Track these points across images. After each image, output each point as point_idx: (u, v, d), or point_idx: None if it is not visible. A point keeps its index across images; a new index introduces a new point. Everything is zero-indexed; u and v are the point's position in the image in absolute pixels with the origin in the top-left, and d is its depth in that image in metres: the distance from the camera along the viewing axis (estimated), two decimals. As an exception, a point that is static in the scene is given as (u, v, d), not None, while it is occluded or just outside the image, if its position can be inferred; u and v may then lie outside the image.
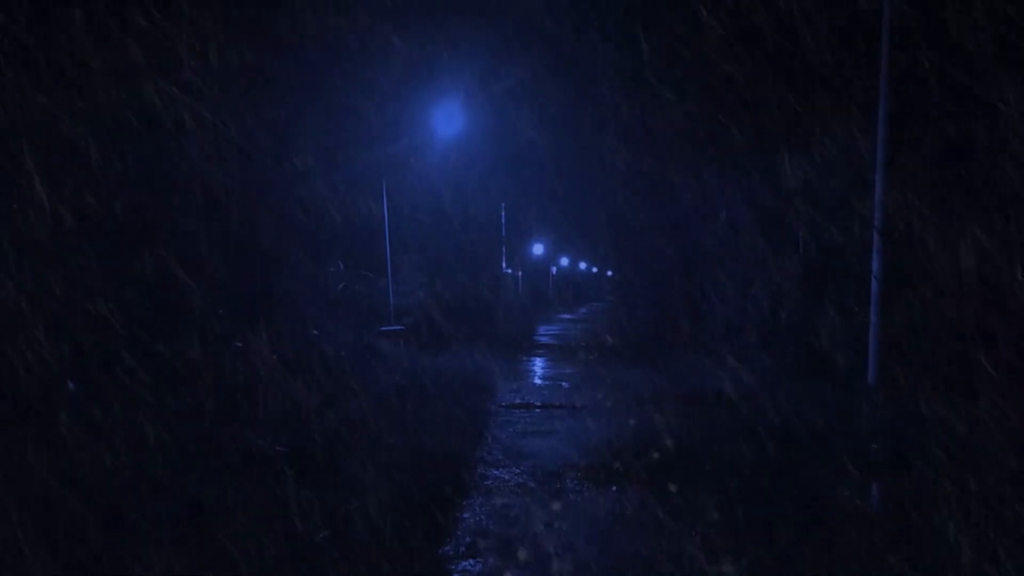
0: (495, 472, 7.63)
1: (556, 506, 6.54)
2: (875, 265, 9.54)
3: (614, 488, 7.02)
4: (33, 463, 5.73)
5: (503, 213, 28.50)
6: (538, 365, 17.03)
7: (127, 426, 6.56)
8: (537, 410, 11.09)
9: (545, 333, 26.48)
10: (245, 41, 9.09)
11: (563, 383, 13.89)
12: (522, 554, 5.46)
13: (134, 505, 5.60)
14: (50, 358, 6.59)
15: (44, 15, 7.31)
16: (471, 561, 5.36)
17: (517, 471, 7.65)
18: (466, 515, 6.32)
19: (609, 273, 59.67)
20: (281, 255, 10.69)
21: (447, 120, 16.69)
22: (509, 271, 31.43)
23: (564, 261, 52.59)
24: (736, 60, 12.00)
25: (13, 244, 6.72)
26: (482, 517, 6.28)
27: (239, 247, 9.34)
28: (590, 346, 19.94)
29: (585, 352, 18.70)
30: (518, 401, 11.84)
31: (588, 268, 63.30)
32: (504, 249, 28.90)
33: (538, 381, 14.40)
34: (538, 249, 38.66)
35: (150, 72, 8.09)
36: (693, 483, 6.94)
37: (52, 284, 6.83)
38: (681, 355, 15.26)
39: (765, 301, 13.94)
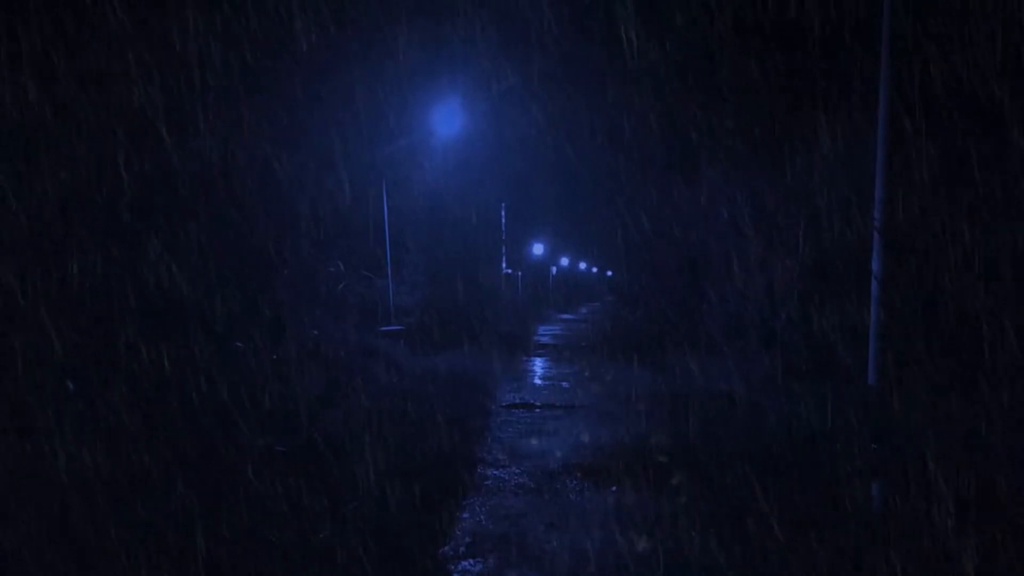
0: (495, 472, 7.63)
1: (556, 507, 6.54)
2: (875, 265, 9.53)
3: (614, 488, 7.02)
4: (32, 463, 5.73)
5: (503, 213, 28.50)
6: (538, 365, 17.03)
7: (126, 426, 6.56)
8: (537, 410, 11.09)
9: (545, 333, 26.48)
10: (245, 40, 9.08)
11: (563, 383, 13.89)
12: (522, 555, 5.46)
13: (133, 505, 5.59)
14: (50, 358, 6.58)
15: (45, 14, 7.31)
16: (471, 561, 5.36)
17: (517, 471, 7.65)
18: (466, 515, 6.32)
19: (609, 273, 59.68)
20: (281, 255, 10.69)
21: (447, 120, 16.69)
22: (509, 271, 31.42)
23: (564, 261, 52.60)
24: (737, 59, 12.00)
25: (12, 243, 6.71)
26: (482, 517, 6.28)
27: (239, 247, 9.33)
28: (590, 346, 19.94)
29: (585, 352, 18.70)
30: (518, 401, 11.84)
31: (588, 268, 63.30)
32: (504, 249, 28.90)
33: (538, 381, 14.40)
34: (538, 249, 38.65)
35: (151, 71, 8.09)
36: (693, 483, 6.94)
37: (52, 283, 6.83)
38: (681, 355, 15.24)
39: (765, 301, 13.93)
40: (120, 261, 7.52)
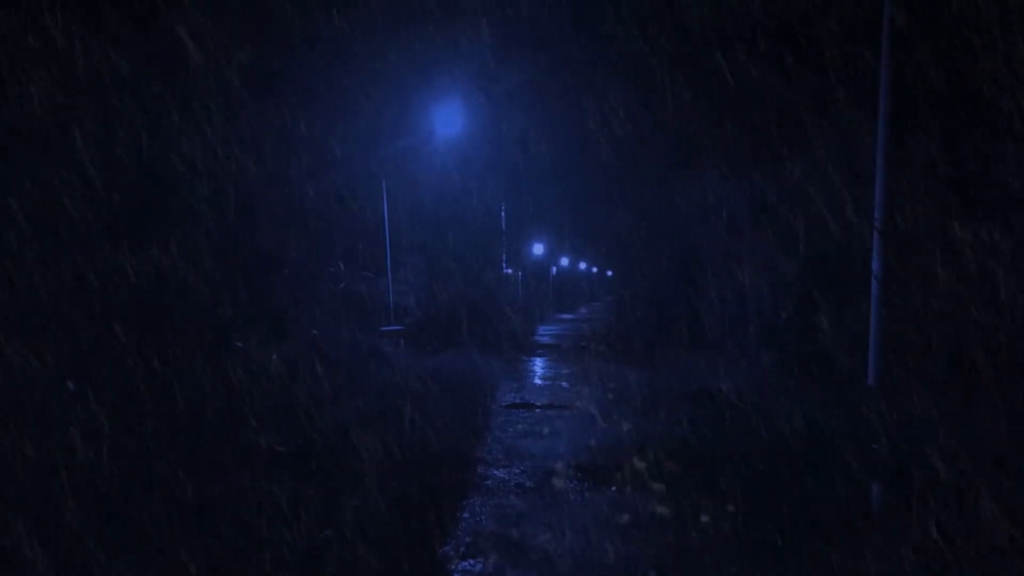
0: (495, 472, 7.63)
1: (556, 507, 6.54)
2: (875, 265, 9.53)
3: (614, 488, 7.02)
4: (33, 463, 5.73)
5: (503, 213, 28.51)
6: (538, 365, 17.03)
7: (127, 426, 6.56)
8: (537, 410, 11.09)
9: (545, 333, 26.48)
10: (245, 40, 9.08)
11: (563, 383, 13.89)
12: (522, 555, 5.46)
13: (133, 505, 5.59)
14: (50, 358, 6.59)
15: (47, 14, 7.31)
16: (471, 561, 5.36)
17: (517, 471, 7.65)
18: (466, 515, 6.32)
19: (609, 273, 59.69)
20: (281, 255, 10.69)
21: (447, 120, 16.68)
22: (509, 271, 31.42)
23: (564, 261, 52.56)
24: (736, 59, 12.00)
25: (14, 243, 6.72)
26: (482, 517, 6.28)
27: (239, 247, 9.34)
28: (590, 346, 19.93)
29: (585, 352, 18.70)
30: (518, 401, 11.84)
31: (588, 268, 63.28)
32: (504, 249, 28.91)
33: (538, 381, 14.40)
34: (538, 249, 38.64)
35: (151, 72, 8.09)
36: (693, 484, 6.93)
37: (52, 284, 6.84)
38: (681, 355, 15.25)
39: (765, 300, 13.93)
40: (120, 261, 7.53)
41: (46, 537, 4.95)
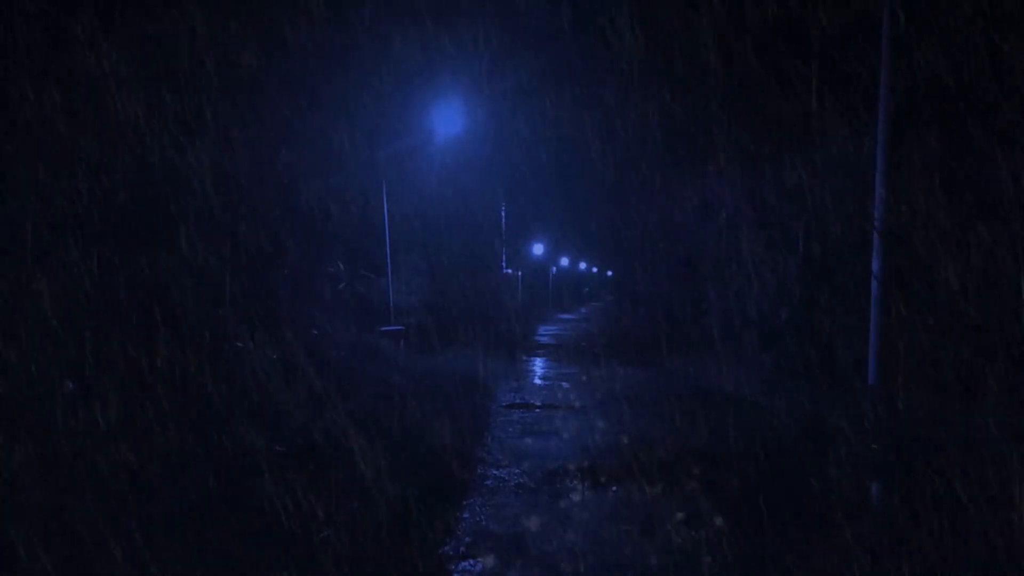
0: (495, 472, 7.63)
1: (556, 506, 6.54)
2: (875, 265, 9.51)
3: (614, 488, 7.02)
4: (32, 463, 5.73)
5: (503, 213, 28.51)
6: (538, 365, 17.03)
7: (126, 426, 6.56)
8: (537, 410, 11.09)
9: (545, 333, 26.49)
10: (246, 41, 9.08)
11: (563, 383, 13.89)
12: (522, 555, 5.46)
13: (133, 505, 5.59)
14: (50, 358, 6.58)
15: (47, 16, 7.31)
16: (471, 561, 5.36)
17: (517, 471, 7.65)
18: (466, 515, 6.32)
19: (609, 273, 59.69)
20: (281, 255, 10.69)
21: (447, 120, 16.69)
22: (509, 271, 31.43)
23: (564, 261, 52.58)
24: (737, 59, 12.00)
25: (13, 243, 6.72)
26: (482, 517, 6.28)
27: (239, 247, 9.33)
28: (590, 346, 19.93)
29: (585, 352, 18.70)
30: (518, 401, 11.84)
31: (588, 268, 63.29)
32: (504, 249, 28.91)
33: (538, 381, 14.40)
34: (538, 249, 38.67)
35: (151, 72, 8.09)
36: (693, 484, 6.93)
37: (52, 283, 6.83)
38: (681, 355, 15.25)
39: (765, 301, 13.93)
40: (120, 261, 7.53)
41: (47, 537, 4.95)
